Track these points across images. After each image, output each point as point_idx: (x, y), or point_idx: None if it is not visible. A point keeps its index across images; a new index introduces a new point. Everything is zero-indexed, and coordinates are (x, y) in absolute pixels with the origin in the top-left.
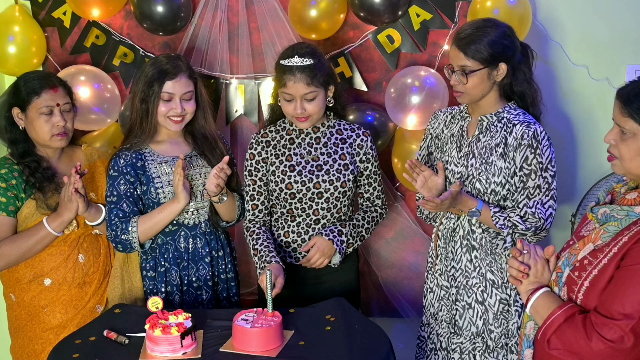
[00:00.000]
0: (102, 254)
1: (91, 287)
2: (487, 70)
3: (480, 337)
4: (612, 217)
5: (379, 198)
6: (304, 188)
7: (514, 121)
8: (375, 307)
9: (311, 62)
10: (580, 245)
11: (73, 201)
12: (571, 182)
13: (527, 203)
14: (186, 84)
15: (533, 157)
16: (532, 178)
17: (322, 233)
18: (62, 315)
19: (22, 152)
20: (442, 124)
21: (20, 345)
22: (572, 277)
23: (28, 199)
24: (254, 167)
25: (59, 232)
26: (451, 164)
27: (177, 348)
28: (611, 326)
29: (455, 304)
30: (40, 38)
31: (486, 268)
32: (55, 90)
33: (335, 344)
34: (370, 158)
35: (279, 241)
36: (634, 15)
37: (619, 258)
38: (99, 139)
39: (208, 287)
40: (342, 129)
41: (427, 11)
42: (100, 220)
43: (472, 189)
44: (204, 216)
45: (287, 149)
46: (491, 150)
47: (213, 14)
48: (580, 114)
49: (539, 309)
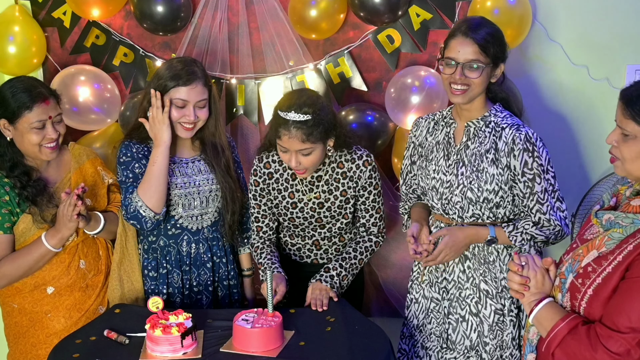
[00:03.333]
0: (102, 257)
1: (95, 290)
2: (490, 68)
3: (474, 351)
4: (616, 224)
5: (376, 226)
6: (305, 222)
7: (502, 125)
8: (375, 307)
9: (308, 118)
10: (583, 251)
11: (73, 221)
12: (571, 182)
13: (540, 209)
14: (201, 91)
15: (533, 161)
16: (537, 182)
17: (318, 279)
18: (66, 320)
19: (11, 165)
20: (424, 131)
21: (22, 351)
22: (576, 284)
23: (23, 213)
24: (258, 193)
25: (58, 248)
26: (439, 172)
27: (178, 348)
28: (617, 339)
29: (447, 317)
30: (40, 38)
31: (480, 278)
32: (47, 103)
33: (335, 344)
34: (367, 186)
35: (283, 241)
36: (634, 15)
37: (624, 268)
38: (99, 139)
39: (208, 292)
40: (343, 162)
41: (427, 11)
42: (99, 229)
43: (462, 198)
44: (207, 222)
45: (289, 184)
46: (481, 157)
47: (213, 14)
48: (580, 114)
49: (542, 320)
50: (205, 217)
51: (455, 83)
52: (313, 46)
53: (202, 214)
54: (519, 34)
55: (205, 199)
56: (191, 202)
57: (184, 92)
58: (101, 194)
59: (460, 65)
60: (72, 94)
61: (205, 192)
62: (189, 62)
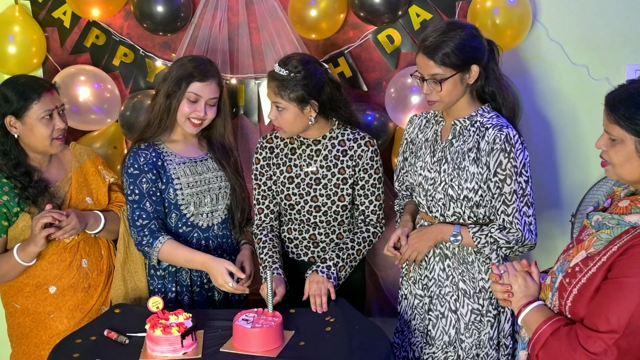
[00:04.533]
0: (103, 256)
1: (97, 290)
2: (459, 75)
3: (452, 347)
4: (604, 225)
5: (375, 214)
6: (301, 200)
7: (486, 125)
8: (375, 307)
9: (285, 74)
10: (574, 251)
11: (40, 239)
12: (571, 182)
13: (505, 210)
14: (215, 89)
15: (507, 162)
16: (507, 183)
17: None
18: (69, 321)
19: (15, 164)
20: (416, 128)
21: (25, 352)
22: (564, 283)
23: (23, 212)
24: (259, 171)
25: (28, 262)
26: (424, 169)
27: (178, 348)
28: (595, 339)
29: (428, 313)
30: (40, 38)
31: (458, 277)
32: (52, 93)
33: (335, 345)
34: (368, 169)
35: (282, 236)
36: (634, 15)
37: (606, 268)
38: (98, 139)
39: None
40: (345, 140)
41: (427, 11)
42: (100, 228)
43: (444, 196)
44: (217, 219)
45: (288, 159)
46: (463, 155)
47: (213, 14)
48: (580, 114)
49: (528, 323)
50: (215, 214)
51: (428, 97)
52: (313, 46)
53: (213, 211)
54: (519, 34)
55: (215, 196)
56: (202, 199)
57: (199, 87)
58: (102, 192)
59: (425, 80)
60: (72, 94)
61: (215, 190)
62: (206, 60)
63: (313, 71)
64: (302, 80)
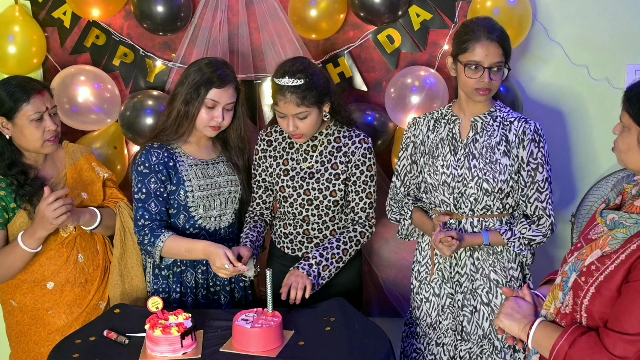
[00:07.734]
0: (99, 252)
1: (93, 285)
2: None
3: (487, 339)
4: (620, 224)
5: (364, 211)
6: (294, 193)
7: (509, 119)
8: (375, 307)
9: (302, 82)
10: (587, 250)
11: (54, 223)
12: (571, 182)
13: (538, 197)
14: (232, 94)
15: (538, 151)
16: (539, 171)
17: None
18: (67, 316)
19: (9, 163)
20: (425, 129)
21: (24, 350)
22: (579, 282)
23: (19, 209)
24: (257, 162)
25: (34, 248)
26: (449, 167)
27: (177, 348)
28: (623, 342)
29: (462, 310)
30: (40, 38)
31: (489, 268)
32: (42, 95)
33: (335, 344)
34: (360, 165)
35: (278, 232)
36: (634, 15)
37: (627, 267)
38: (98, 139)
39: (226, 292)
40: (341, 137)
41: (427, 11)
42: (96, 224)
43: (477, 190)
44: (225, 223)
45: (285, 152)
46: (492, 149)
47: (213, 14)
48: (580, 114)
49: (540, 341)
50: (223, 218)
51: (481, 86)
52: (313, 46)
53: (221, 215)
54: (519, 34)
55: (224, 200)
56: (211, 203)
57: (217, 93)
58: (97, 188)
59: (486, 69)
60: (72, 94)
61: (225, 194)
62: (223, 64)
63: (315, 71)
64: (315, 82)
